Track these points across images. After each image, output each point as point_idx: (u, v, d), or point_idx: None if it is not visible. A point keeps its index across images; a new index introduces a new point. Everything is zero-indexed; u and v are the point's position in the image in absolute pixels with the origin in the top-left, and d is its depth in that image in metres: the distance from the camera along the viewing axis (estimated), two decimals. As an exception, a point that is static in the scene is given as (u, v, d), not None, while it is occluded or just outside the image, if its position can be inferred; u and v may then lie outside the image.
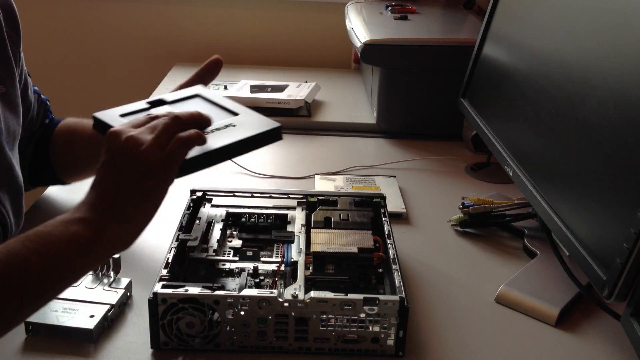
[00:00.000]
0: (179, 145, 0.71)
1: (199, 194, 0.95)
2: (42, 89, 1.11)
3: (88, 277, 0.81)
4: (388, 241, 0.84)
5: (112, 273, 0.81)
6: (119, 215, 0.69)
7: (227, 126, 0.78)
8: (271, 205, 0.95)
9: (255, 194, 0.96)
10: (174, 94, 0.84)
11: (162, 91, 1.57)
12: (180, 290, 0.71)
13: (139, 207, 0.70)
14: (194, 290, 0.71)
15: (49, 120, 1.06)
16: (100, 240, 0.68)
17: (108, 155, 0.72)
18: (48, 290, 0.67)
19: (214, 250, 0.84)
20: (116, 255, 0.81)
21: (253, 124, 0.79)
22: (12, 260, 0.64)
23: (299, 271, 0.79)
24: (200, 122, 0.75)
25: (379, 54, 1.32)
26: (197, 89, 0.86)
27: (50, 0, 1.88)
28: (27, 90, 1.00)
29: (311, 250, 0.83)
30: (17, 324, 0.67)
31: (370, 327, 0.72)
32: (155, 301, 0.70)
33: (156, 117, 0.74)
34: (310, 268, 0.81)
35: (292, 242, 0.87)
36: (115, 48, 1.93)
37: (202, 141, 0.73)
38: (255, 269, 0.81)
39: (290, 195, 0.95)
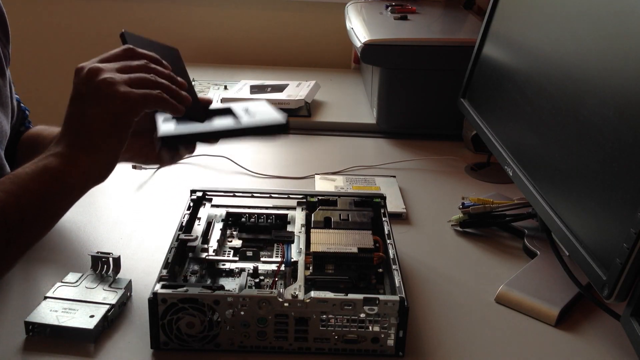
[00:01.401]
0: (142, 82, 0.73)
1: (199, 194, 0.95)
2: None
3: (88, 277, 0.81)
4: (388, 241, 0.84)
5: (112, 273, 0.81)
6: (87, 144, 0.71)
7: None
8: (271, 205, 0.95)
9: (255, 194, 0.96)
10: None
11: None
12: (180, 290, 0.71)
13: (104, 135, 0.72)
14: (194, 290, 0.71)
15: (24, 128, 1.06)
16: (71, 170, 0.70)
17: (74, 89, 0.74)
18: (32, 227, 0.70)
19: (214, 250, 0.84)
20: (116, 255, 0.81)
21: (262, 114, 0.82)
22: None
23: (299, 271, 0.79)
24: (174, 81, 0.77)
25: (379, 54, 1.32)
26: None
27: (51, 1, 1.88)
28: (12, 95, 1.00)
29: (311, 250, 0.83)
30: (8, 266, 0.70)
31: (370, 327, 0.72)
32: (155, 301, 0.70)
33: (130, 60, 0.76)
34: (310, 268, 0.81)
35: (292, 242, 0.87)
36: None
37: (170, 93, 0.75)
38: (255, 269, 0.81)
39: (290, 195, 0.95)
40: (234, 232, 0.91)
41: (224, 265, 0.83)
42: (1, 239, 0.67)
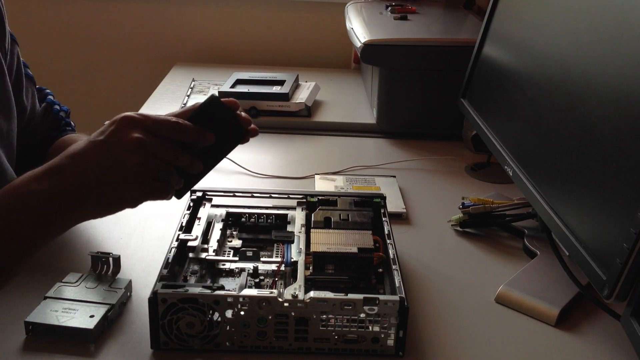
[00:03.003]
0: (165, 187, 0.74)
1: (199, 193, 0.95)
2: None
3: (88, 277, 0.81)
4: (388, 241, 0.84)
5: (112, 273, 0.81)
6: (80, 197, 0.71)
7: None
8: (271, 205, 0.95)
9: (255, 194, 0.96)
10: None
11: (162, 91, 1.57)
12: (180, 290, 0.71)
13: (97, 201, 0.72)
14: (194, 290, 0.71)
15: (57, 133, 1.05)
16: (54, 213, 0.71)
17: (110, 136, 0.71)
18: (6, 261, 0.71)
19: (214, 250, 0.84)
20: (116, 255, 0.81)
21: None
22: None
23: (299, 271, 0.79)
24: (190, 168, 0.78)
25: (379, 54, 1.32)
26: None
27: (50, 1, 1.88)
28: (21, 93, 0.99)
29: (311, 250, 0.83)
30: None
31: (370, 327, 0.72)
32: (155, 301, 0.70)
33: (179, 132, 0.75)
34: (310, 268, 0.81)
35: (292, 242, 0.87)
36: (115, 48, 1.93)
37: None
38: (255, 269, 0.81)
39: (290, 195, 0.95)
40: (234, 232, 0.91)
41: (224, 265, 0.83)
42: None
